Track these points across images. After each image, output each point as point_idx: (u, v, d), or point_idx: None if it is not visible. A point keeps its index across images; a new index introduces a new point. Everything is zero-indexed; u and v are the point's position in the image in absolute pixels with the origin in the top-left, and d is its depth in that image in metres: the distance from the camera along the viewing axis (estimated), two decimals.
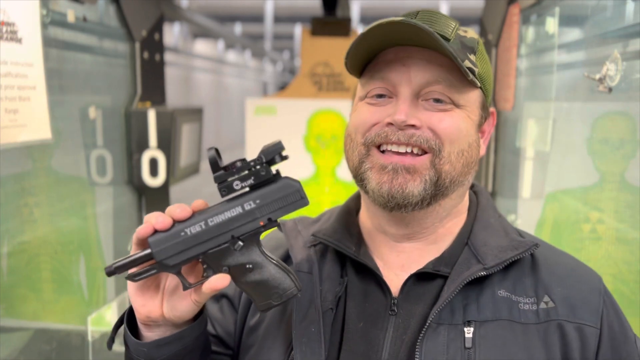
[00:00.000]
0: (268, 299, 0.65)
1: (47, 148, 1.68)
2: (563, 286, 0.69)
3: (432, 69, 0.67)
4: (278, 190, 0.62)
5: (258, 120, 2.53)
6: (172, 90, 10.89)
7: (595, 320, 0.67)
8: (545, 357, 0.65)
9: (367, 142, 0.69)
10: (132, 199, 2.29)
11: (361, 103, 0.72)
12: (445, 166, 0.67)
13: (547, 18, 1.82)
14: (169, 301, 0.64)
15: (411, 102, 0.67)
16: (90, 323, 1.90)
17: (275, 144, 0.62)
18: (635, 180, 1.56)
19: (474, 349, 0.64)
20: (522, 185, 2.06)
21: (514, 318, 0.66)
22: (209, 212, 0.62)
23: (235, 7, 10.50)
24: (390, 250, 0.74)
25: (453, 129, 0.67)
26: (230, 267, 0.63)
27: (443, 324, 0.66)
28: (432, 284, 0.70)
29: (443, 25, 0.68)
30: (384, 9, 10.41)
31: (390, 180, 0.66)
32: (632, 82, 1.32)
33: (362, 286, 0.72)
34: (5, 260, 1.55)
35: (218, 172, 0.61)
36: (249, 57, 18.37)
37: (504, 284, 0.69)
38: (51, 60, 1.63)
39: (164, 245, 0.61)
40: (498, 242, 0.71)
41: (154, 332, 0.67)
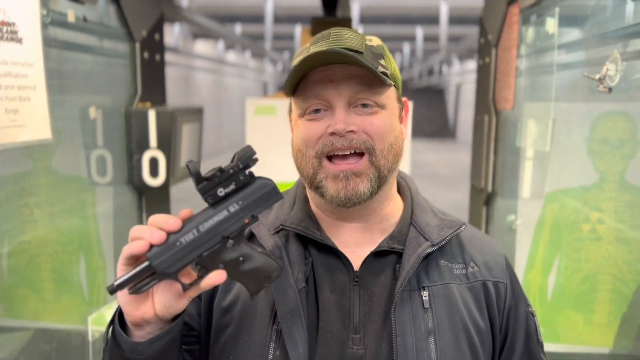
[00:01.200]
0: (260, 282, 0.74)
1: (47, 148, 1.68)
2: (481, 253, 0.89)
3: (355, 81, 0.80)
4: (256, 190, 0.70)
5: (258, 120, 2.53)
6: (172, 91, 10.89)
7: (504, 277, 0.89)
8: (476, 308, 0.85)
9: (318, 154, 0.81)
10: (132, 199, 2.29)
11: (301, 120, 0.84)
12: (382, 161, 0.81)
13: (547, 18, 1.82)
14: (161, 302, 0.71)
15: (345, 111, 0.80)
16: (91, 323, 1.90)
17: (246, 150, 0.69)
18: (635, 180, 1.56)
19: (430, 308, 0.82)
20: (522, 185, 2.06)
21: (453, 281, 0.85)
22: (198, 219, 0.69)
23: (235, 8, 10.51)
24: (344, 231, 0.88)
25: (382, 128, 0.81)
26: (225, 264, 0.71)
27: (404, 291, 0.82)
28: (387, 259, 0.85)
29: (353, 40, 0.81)
30: (384, 9, 10.41)
31: (345, 187, 0.80)
32: (631, 82, 1.32)
33: (327, 264, 0.85)
34: (5, 260, 1.55)
35: (202, 184, 0.68)
36: (249, 57, 18.37)
37: (442, 255, 0.87)
38: (51, 60, 1.63)
39: (162, 257, 0.67)
40: (434, 221, 0.88)
41: (144, 330, 0.73)
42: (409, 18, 11.52)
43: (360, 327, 0.82)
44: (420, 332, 0.80)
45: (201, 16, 8.14)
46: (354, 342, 0.81)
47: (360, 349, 0.81)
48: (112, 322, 0.76)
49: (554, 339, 1.81)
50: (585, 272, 1.69)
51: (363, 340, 0.81)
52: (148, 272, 0.67)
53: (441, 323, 0.82)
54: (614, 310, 1.61)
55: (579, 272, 1.72)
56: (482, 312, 0.86)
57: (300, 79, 0.82)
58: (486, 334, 0.86)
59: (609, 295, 1.61)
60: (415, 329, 0.80)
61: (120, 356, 0.74)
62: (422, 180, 10.62)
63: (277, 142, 2.54)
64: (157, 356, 0.74)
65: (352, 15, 7.76)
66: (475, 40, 4.40)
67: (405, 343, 0.79)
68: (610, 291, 1.61)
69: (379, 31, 12.70)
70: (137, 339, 0.74)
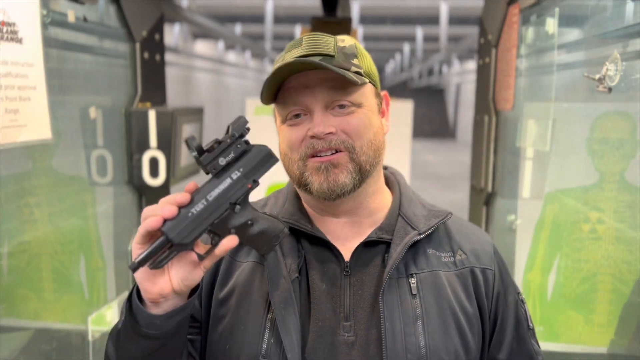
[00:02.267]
0: (270, 242, 0.78)
1: (48, 148, 1.68)
2: (469, 242, 0.92)
3: (330, 84, 0.83)
4: (254, 156, 0.75)
5: (258, 120, 2.53)
6: (172, 90, 10.88)
7: (491, 264, 0.92)
8: (464, 294, 0.88)
9: (302, 156, 0.85)
10: (133, 199, 2.29)
11: (284, 126, 0.88)
12: (362, 157, 0.84)
13: (547, 18, 1.82)
14: (177, 276, 0.74)
15: (323, 115, 0.84)
16: (91, 323, 1.90)
17: (239, 120, 0.74)
18: (635, 180, 1.56)
19: (418, 294, 0.85)
20: (522, 185, 2.06)
21: (441, 268, 0.88)
22: (205, 190, 0.73)
23: (236, 8, 10.51)
24: (335, 225, 0.91)
25: (359, 126, 0.84)
26: (235, 228, 0.75)
27: (393, 279, 0.85)
28: (376, 249, 0.89)
29: (325, 45, 0.85)
30: (384, 9, 10.41)
31: (327, 178, 0.83)
32: (631, 82, 1.32)
33: (319, 255, 0.89)
34: (5, 260, 1.55)
35: (204, 155, 0.72)
36: (249, 57, 18.37)
37: (430, 244, 0.90)
38: (51, 60, 1.63)
39: (177, 229, 0.70)
40: (421, 212, 0.92)
41: (161, 307, 0.76)
42: (409, 18, 11.52)
43: (350, 314, 0.85)
44: (408, 317, 0.84)
45: (201, 16, 8.14)
46: (344, 330, 0.85)
47: (351, 335, 0.84)
48: (130, 300, 0.78)
49: (553, 338, 1.81)
50: (585, 272, 1.69)
51: (353, 327, 0.85)
52: (166, 246, 0.70)
53: (429, 308, 0.85)
54: (614, 310, 1.61)
55: (579, 272, 1.72)
56: (470, 298, 0.89)
57: (280, 87, 0.87)
58: (475, 319, 0.88)
59: (609, 295, 1.61)
60: (404, 315, 0.84)
61: (136, 331, 0.76)
62: (422, 180, 10.61)
63: (277, 142, 2.54)
64: (171, 333, 0.77)
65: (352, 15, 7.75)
66: (475, 40, 4.40)
67: (393, 328, 0.82)
68: (610, 291, 1.61)
69: (379, 31, 12.70)
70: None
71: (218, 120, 15.79)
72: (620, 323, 1.55)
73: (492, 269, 0.92)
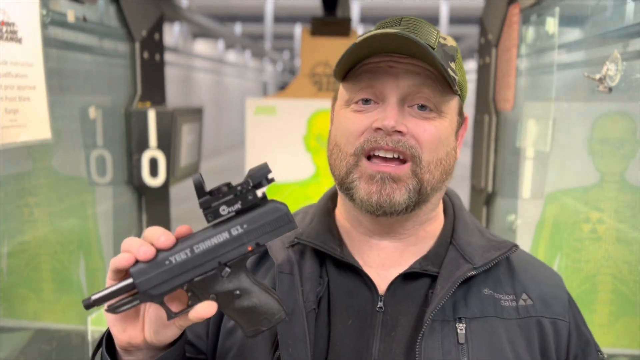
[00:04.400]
0: (257, 324, 0.64)
1: (47, 148, 1.68)
2: (537, 284, 0.75)
3: (418, 76, 0.69)
4: (266, 214, 0.61)
5: (258, 120, 2.53)
6: (172, 90, 10.88)
7: (565, 314, 0.74)
8: (527, 349, 0.71)
9: (357, 151, 0.70)
10: (132, 199, 2.29)
11: (347, 110, 0.73)
12: (426, 175, 0.70)
13: (547, 18, 1.82)
14: (150, 327, 0.63)
15: (399, 108, 0.69)
16: (91, 323, 1.90)
17: (262, 167, 0.61)
18: (635, 180, 1.56)
19: (466, 344, 0.68)
20: (522, 185, 2.06)
21: (498, 314, 0.71)
22: (194, 239, 0.60)
23: (235, 7, 10.50)
24: (370, 249, 0.76)
25: (434, 138, 0.70)
26: (217, 295, 0.62)
27: (436, 321, 0.69)
28: (419, 283, 0.73)
29: (427, 34, 0.70)
30: (384, 9, 10.41)
31: (379, 191, 0.68)
32: (632, 82, 1.32)
33: (346, 285, 0.74)
34: (5, 260, 1.55)
35: (204, 198, 0.60)
36: (249, 57, 18.36)
37: (487, 282, 0.73)
38: (51, 60, 1.62)
39: (147, 275, 0.59)
40: (478, 242, 0.75)
41: (134, 355, 0.65)
42: None
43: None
44: None
45: (201, 16, 8.13)
46: None
47: None
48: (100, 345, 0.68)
49: None
50: (586, 272, 1.69)
51: None
52: (130, 290, 0.60)
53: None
54: (614, 311, 1.61)
55: (579, 272, 1.72)
56: (534, 354, 0.71)
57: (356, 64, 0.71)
58: None
59: (609, 295, 1.61)
60: None
61: None
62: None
63: (277, 142, 2.54)
64: None
65: (352, 15, 7.75)
66: (475, 40, 4.40)
67: None
68: (610, 291, 1.61)
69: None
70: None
71: (218, 120, 15.79)
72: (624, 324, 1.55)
73: (567, 321, 0.74)
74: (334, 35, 2.61)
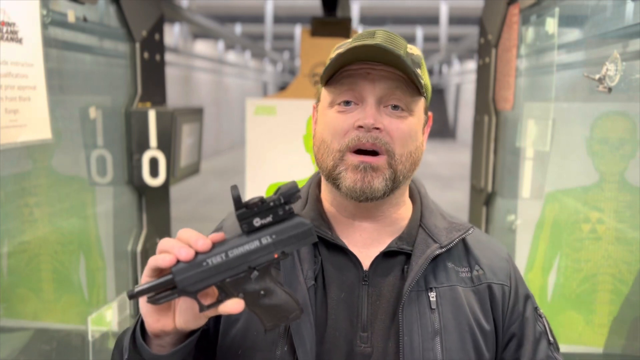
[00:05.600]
0: (276, 320, 0.74)
1: (47, 148, 1.68)
2: (486, 258, 0.91)
3: (391, 81, 0.82)
4: (292, 227, 0.71)
5: (258, 120, 2.53)
6: (172, 90, 10.88)
7: (507, 281, 0.91)
8: (481, 311, 0.87)
9: (342, 148, 0.82)
10: (132, 199, 2.29)
11: (331, 110, 0.85)
12: (399, 166, 0.83)
13: (547, 18, 1.82)
14: (181, 317, 0.72)
15: (376, 108, 0.82)
16: (91, 323, 1.90)
17: (292, 187, 0.71)
18: (635, 180, 1.56)
19: (437, 309, 0.84)
20: (522, 185, 2.06)
21: (459, 283, 0.87)
22: (228, 245, 0.70)
23: (235, 8, 10.51)
24: (354, 230, 0.89)
25: (405, 134, 0.83)
26: (245, 293, 0.71)
27: (413, 291, 0.84)
28: (396, 259, 0.87)
29: (398, 45, 0.82)
30: (384, 9, 10.41)
31: (362, 179, 0.81)
32: (631, 82, 1.32)
33: (337, 263, 0.87)
34: (5, 260, 1.55)
35: (241, 210, 0.69)
36: (249, 57, 18.37)
37: (449, 258, 0.88)
38: (51, 60, 1.63)
39: (186, 274, 0.68)
40: (442, 224, 0.90)
41: (163, 340, 0.75)
42: (409, 18, 11.52)
43: (368, 325, 0.83)
44: (427, 332, 0.82)
45: (201, 16, 8.14)
46: (361, 340, 0.83)
47: (368, 347, 0.83)
48: (134, 333, 0.77)
49: None
50: (585, 272, 1.69)
51: (370, 338, 0.83)
52: (169, 285, 0.68)
53: (447, 324, 0.84)
54: (614, 311, 1.61)
55: (579, 272, 1.72)
56: (487, 314, 0.87)
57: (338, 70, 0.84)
58: (491, 336, 0.87)
59: (609, 295, 1.61)
60: (422, 329, 0.82)
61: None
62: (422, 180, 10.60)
63: (276, 142, 2.54)
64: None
65: (352, 15, 7.75)
66: (475, 40, 4.40)
67: (411, 342, 0.81)
68: (610, 291, 1.61)
69: None
70: (156, 348, 0.75)
71: (218, 120, 15.79)
72: (616, 323, 1.55)
73: (508, 286, 0.90)
74: (334, 36, 2.61)
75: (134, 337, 0.77)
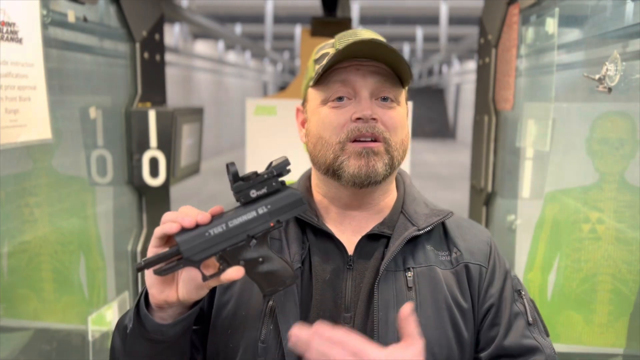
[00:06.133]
0: (275, 285, 0.78)
1: (48, 148, 1.68)
2: (464, 241, 0.95)
3: (380, 75, 0.87)
4: (285, 197, 0.76)
5: (258, 120, 2.53)
6: (172, 90, 10.89)
7: (485, 262, 0.94)
8: (459, 291, 0.91)
9: (342, 139, 0.86)
10: (132, 199, 2.29)
11: (325, 107, 0.88)
12: (395, 152, 0.87)
13: (547, 18, 1.82)
14: (184, 288, 0.76)
15: (370, 100, 0.86)
16: (91, 323, 1.90)
17: (283, 161, 0.75)
18: (635, 180, 1.56)
19: (414, 287, 0.88)
20: (521, 185, 2.06)
21: (438, 265, 0.91)
22: (227, 216, 0.74)
23: (236, 8, 10.51)
24: (343, 218, 0.94)
25: (397, 123, 0.88)
26: (245, 261, 0.75)
27: (390, 271, 0.88)
28: (378, 243, 0.91)
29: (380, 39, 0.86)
30: (384, 9, 10.41)
31: (367, 163, 0.85)
32: (631, 82, 1.32)
33: (323, 248, 0.91)
34: (5, 260, 1.55)
35: (237, 183, 0.74)
36: (249, 57, 18.37)
37: (429, 241, 0.93)
38: (51, 61, 1.63)
39: (191, 244, 0.72)
40: (423, 210, 0.94)
41: (166, 312, 0.79)
42: (409, 18, 11.52)
43: (351, 306, 0.87)
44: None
45: (201, 16, 8.14)
46: (345, 320, 0.87)
47: (350, 326, 0.87)
48: (138, 304, 0.81)
49: (553, 338, 1.80)
50: (585, 272, 1.69)
51: (353, 318, 0.87)
52: (175, 257, 0.72)
53: (424, 301, 0.87)
54: (614, 311, 1.61)
55: (579, 272, 1.72)
56: (464, 293, 0.91)
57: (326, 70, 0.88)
58: (469, 313, 0.91)
59: (609, 295, 1.61)
60: (398, 306, 0.85)
61: (142, 335, 0.80)
62: (422, 180, 10.61)
63: (277, 142, 2.54)
64: (177, 337, 0.80)
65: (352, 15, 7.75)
66: (475, 40, 4.40)
67: (387, 318, 0.85)
68: (610, 291, 1.61)
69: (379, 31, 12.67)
70: (159, 319, 0.79)
71: (218, 120, 15.79)
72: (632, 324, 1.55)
73: (486, 267, 0.94)
74: (334, 36, 2.60)
75: (138, 309, 0.80)
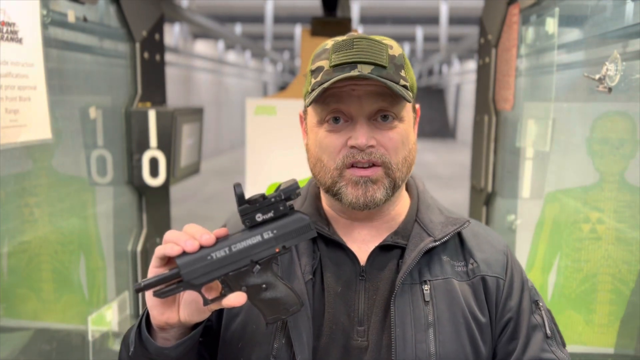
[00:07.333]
0: (277, 313, 0.76)
1: (48, 148, 1.68)
2: (481, 251, 0.91)
3: (377, 95, 0.81)
4: (292, 222, 0.73)
5: (258, 120, 2.53)
6: (172, 90, 10.88)
7: (503, 274, 0.90)
8: (476, 303, 0.87)
9: (339, 166, 0.83)
10: (132, 199, 2.29)
11: (321, 129, 0.85)
12: (397, 173, 0.84)
13: (547, 18, 1.82)
14: (185, 310, 0.75)
15: (367, 125, 0.82)
16: (91, 323, 1.90)
17: (292, 184, 0.73)
18: (635, 180, 1.56)
19: (431, 301, 0.84)
20: (522, 185, 2.06)
21: (454, 277, 0.88)
22: (232, 239, 0.72)
23: (236, 8, 10.50)
24: (353, 228, 0.91)
25: (398, 143, 0.83)
26: (247, 287, 0.73)
27: (406, 284, 0.85)
28: (392, 254, 0.88)
29: (378, 51, 0.81)
30: (384, 9, 10.41)
31: (364, 194, 0.82)
32: (631, 82, 1.32)
33: (335, 258, 0.88)
34: (5, 260, 1.55)
35: (243, 206, 0.71)
36: (249, 57, 18.37)
37: (445, 251, 0.89)
38: (51, 60, 1.63)
39: (192, 267, 0.70)
40: (438, 219, 0.91)
41: (168, 333, 0.77)
42: (409, 18, 11.51)
43: (364, 319, 0.85)
44: (420, 324, 0.83)
45: (201, 16, 8.14)
46: (358, 334, 0.84)
47: (364, 340, 0.84)
48: (139, 326, 0.79)
49: None
50: (585, 272, 1.69)
51: (367, 332, 0.84)
52: (175, 279, 0.70)
53: (441, 316, 0.84)
54: (614, 311, 1.61)
55: (579, 272, 1.72)
56: (482, 306, 0.88)
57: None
58: (487, 328, 0.88)
59: (609, 295, 1.61)
60: (415, 321, 0.83)
61: (146, 357, 0.78)
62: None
63: (277, 142, 2.55)
64: (180, 357, 0.78)
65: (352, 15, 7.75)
66: (475, 40, 4.40)
67: (404, 334, 0.82)
68: (610, 291, 1.61)
69: (379, 31, 12.69)
70: (161, 340, 0.78)
71: (218, 120, 15.79)
72: (623, 325, 1.55)
73: (504, 279, 0.90)
74: (334, 36, 2.60)
75: (140, 331, 0.79)
